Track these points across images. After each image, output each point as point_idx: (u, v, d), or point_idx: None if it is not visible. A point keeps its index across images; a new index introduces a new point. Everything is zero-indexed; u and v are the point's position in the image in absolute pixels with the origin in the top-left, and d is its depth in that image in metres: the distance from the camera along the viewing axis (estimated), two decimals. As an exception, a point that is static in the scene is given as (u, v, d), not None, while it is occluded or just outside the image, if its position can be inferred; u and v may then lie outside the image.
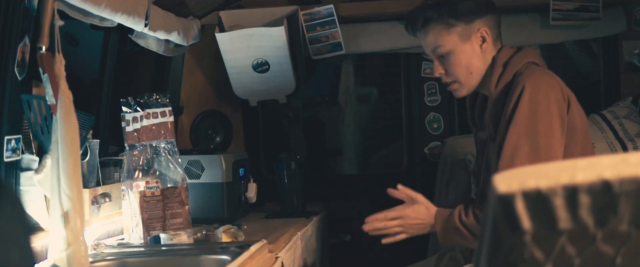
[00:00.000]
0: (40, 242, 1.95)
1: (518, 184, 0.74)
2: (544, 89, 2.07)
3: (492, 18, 2.26)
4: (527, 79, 2.09)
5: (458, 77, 2.25)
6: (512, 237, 0.75)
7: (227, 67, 3.13)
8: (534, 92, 2.06)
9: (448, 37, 2.22)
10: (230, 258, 1.98)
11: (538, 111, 2.05)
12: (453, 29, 2.22)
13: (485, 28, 2.22)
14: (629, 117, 2.85)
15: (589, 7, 2.96)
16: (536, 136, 2.03)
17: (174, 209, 2.35)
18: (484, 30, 2.22)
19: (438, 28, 2.23)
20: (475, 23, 2.22)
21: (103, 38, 2.58)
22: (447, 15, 2.22)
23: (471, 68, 2.23)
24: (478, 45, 2.23)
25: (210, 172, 2.83)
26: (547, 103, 2.06)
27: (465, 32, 2.22)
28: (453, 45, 2.23)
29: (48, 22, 1.90)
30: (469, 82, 2.25)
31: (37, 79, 1.97)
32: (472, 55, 2.23)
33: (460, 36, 2.22)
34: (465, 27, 2.22)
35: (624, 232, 0.75)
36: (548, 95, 2.06)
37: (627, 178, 0.72)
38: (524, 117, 2.05)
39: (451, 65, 2.24)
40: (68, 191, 1.83)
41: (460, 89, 2.27)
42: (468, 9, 2.22)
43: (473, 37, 2.22)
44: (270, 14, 3.07)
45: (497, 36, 2.27)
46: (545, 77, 2.11)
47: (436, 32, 2.23)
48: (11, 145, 1.89)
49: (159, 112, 2.37)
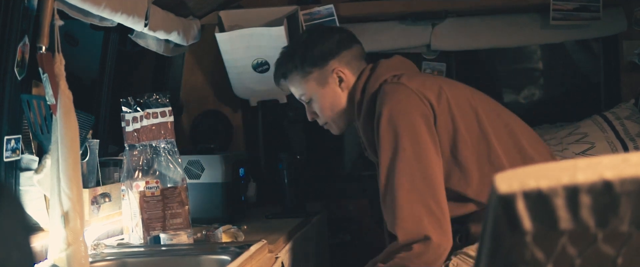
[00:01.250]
0: (40, 243, 1.95)
1: (519, 184, 0.74)
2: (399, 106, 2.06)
3: (348, 53, 2.28)
4: (382, 103, 2.09)
5: (326, 119, 2.32)
6: (513, 237, 0.75)
7: (227, 67, 3.13)
8: (389, 115, 2.05)
9: (306, 85, 2.28)
10: (230, 258, 1.98)
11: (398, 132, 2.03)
12: (309, 76, 2.27)
13: (340, 68, 2.25)
14: (631, 118, 2.85)
15: (589, 7, 2.95)
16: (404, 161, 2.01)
17: (174, 209, 2.34)
18: (339, 70, 2.25)
19: (296, 78, 2.29)
20: (328, 65, 2.26)
21: (103, 38, 2.58)
22: (301, 64, 2.27)
23: (335, 109, 2.28)
24: (337, 85, 2.26)
25: (210, 172, 2.83)
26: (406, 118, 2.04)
27: (321, 76, 2.26)
28: (313, 91, 2.29)
29: (48, 22, 1.90)
30: (338, 121, 2.31)
31: (36, 79, 1.96)
32: (333, 97, 2.27)
33: (317, 82, 2.27)
34: (320, 71, 2.26)
35: (625, 232, 0.74)
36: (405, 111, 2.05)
37: (628, 178, 0.72)
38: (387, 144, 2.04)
39: (318, 109, 2.31)
40: (68, 191, 1.83)
41: (333, 128, 2.35)
42: (319, 53, 2.26)
43: (330, 80, 2.26)
44: (270, 14, 3.07)
45: (358, 68, 2.28)
46: (399, 92, 2.08)
47: (296, 82, 2.30)
48: (11, 145, 1.89)
49: (158, 112, 2.37)
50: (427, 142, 2.02)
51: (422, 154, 2.01)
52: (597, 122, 2.88)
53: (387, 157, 2.03)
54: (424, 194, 1.99)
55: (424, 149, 2.02)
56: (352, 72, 2.26)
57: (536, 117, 3.34)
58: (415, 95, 2.07)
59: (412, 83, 2.10)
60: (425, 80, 2.14)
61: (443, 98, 2.08)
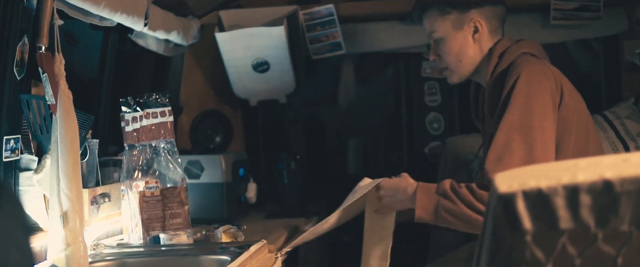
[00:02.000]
0: (39, 243, 1.95)
1: (519, 184, 0.73)
2: (537, 77, 2.08)
3: (490, 10, 2.29)
4: (521, 67, 2.11)
5: (449, 64, 2.31)
6: (513, 237, 0.75)
7: (227, 67, 3.12)
8: (528, 80, 2.07)
9: (441, 23, 2.28)
10: (230, 258, 1.98)
11: (532, 99, 2.05)
12: (447, 16, 2.27)
13: (480, 19, 2.26)
14: (631, 118, 2.85)
15: (590, 7, 2.95)
16: (530, 127, 2.02)
17: (174, 209, 2.34)
18: (478, 20, 2.26)
19: (433, 14, 2.29)
20: (469, 13, 2.26)
21: (102, 38, 2.58)
22: (443, 3, 2.28)
23: (461, 56, 2.28)
24: (470, 34, 2.27)
25: (210, 172, 2.82)
26: (541, 90, 2.06)
27: (458, 20, 2.27)
28: (445, 32, 2.28)
29: (47, 22, 1.90)
30: (460, 69, 2.30)
31: (36, 79, 1.96)
32: (463, 43, 2.27)
33: (453, 24, 2.27)
34: (459, 15, 2.27)
35: (625, 232, 0.74)
36: (541, 82, 2.07)
37: (629, 178, 0.72)
38: (518, 105, 2.05)
39: (443, 52, 2.30)
40: (67, 191, 1.83)
41: (451, 76, 2.33)
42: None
43: (466, 26, 2.27)
44: (270, 14, 3.07)
45: (495, 28, 2.29)
46: (539, 66, 2.12)
47: (432, 18, 2.30)
48: (10, 145, 1.89)
49: (158, 112, 2.37)
50: (551, 118, 2.05)
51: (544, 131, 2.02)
52: (598, 121, 2.87)
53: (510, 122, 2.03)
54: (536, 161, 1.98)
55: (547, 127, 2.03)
56: (489, 27, 2.28)
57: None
58: (553, 76, 2.10)
59: (551, 67, 2.14)
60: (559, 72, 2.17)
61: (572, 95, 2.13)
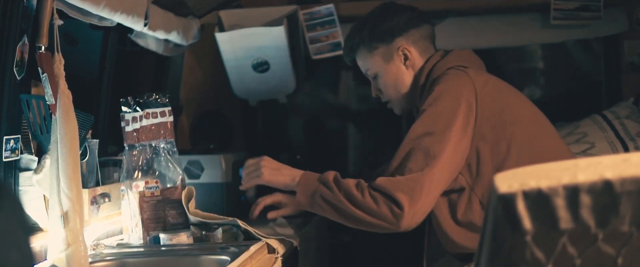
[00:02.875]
0: (39, 243, 1.95)
1: (519, 184, 0.73)
2: (451, 89, 2.08)
3: (416, 32, 2.29)
4: (439, 82, 2.12)
5: (389, 97, 2.33)
6: (513, 237, 0.75)
7: (226, 67, 3.12)
8: (440, 93, 2.08)
9: (372, 60, 2.30)
10: (230, 258, 1.98)
11: (439, 110, 2.06)
12: (375, 51, 2.29)
13: (407, 45, 2.26)
14: (630, 117, 2.85)
15: (590, 7, 2.95)
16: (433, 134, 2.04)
17: (174, 209, 2.34)
18: (405, 47, 2.26)
19: (363, 52, 2.32)
20: (395, 42, 2.27)
21: (102, 38, 2.58)
22: (368, 39, 2.29)
23: (398, 86, 2.29)
24: (401, 63, 2.28)
25: (210, 172, 2.82)
26: (451, 102, 2.06)
27: (386, 52, 2.28)
28: (378, 67, 2.30)
29: (47, 22, 1.90)
30: (400, 100, 2.31)
31: (36, 79, 1.96)
32: (397, 74, 2.28)
33: (383, 57, 2.28)
34: (386, 47, 2.28)
35: (625, 232, 0.74)
36: (452, 94, 2.07)
37: (629, 178, 0.72)
38: (425, 116, 2.07)
39: (382, 86, 2.33)
40: (67, 191, 1.83)
41: (395, 107, 2.36)
42: (387, 28, 2.27)
43: (395, 56, 2.27)
44: (270, 14, 3.07)
45: (425, 48, 2.29)
46: (457, 79, 2.11)
47: (362, 57, 2.33)
48: (10, 145, 1.89)
49: (158, 112, 2.37)
50: (458, 129, 2.04)
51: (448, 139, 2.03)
52: (597, 121, 2.87)
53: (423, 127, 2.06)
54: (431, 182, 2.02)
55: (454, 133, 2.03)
56: (418, 51, 2.28)
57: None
58: (473, 86, 2.09)
59: (477, 77, 2.12)
60: (489, 79, 2.15)
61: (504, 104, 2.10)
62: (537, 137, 2.15)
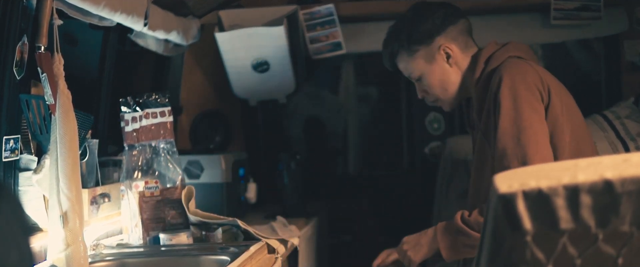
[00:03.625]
0: (39, 243, 1.95)
1: (519, 184, 0.73)
2: (521, 77, 2.07)
3: (454, 29, 2.27)
4: (504, 70, 2.09)
5: (437, 96, 2.31)
6: (513, 237, 0.75)
7: (226, 67, 3.12)
8: (512, 82, 2.06)
9: (414, 63, 2.28)
10: (230, 258, 1.98)
11: (518, 101, 2.04)
12: (416, 54, 2.27)
13: (447, 43, 2.25)
14: (631, 117, 2.84)
15: (590, 7, 2.95)
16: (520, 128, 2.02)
17: (174, 210, 2.34)
18: (446, 46, 2.25)
19: (403, 57, 2.29)
20: (435, 42, 2.25)
21: (102, 38, 2.58)
22: (407, 43, 2.27)
23: (445, 85, 2.28)
24: (444, 61, 2.26)
25: (210, 172, 2.82)
26: (526, 91, 2.05)
27: (428, 53, 2.26)
28: (421, 69, 2.28)
29: (47, 22, 1.89)
30: (449, 97, 2.30)
31: (35, 79, 1.96)
32: (442, 73, 2.27)
33: (425, 59, 2.27)
34: (427, 48, 2.26)
35: (625, 232, 0.74)
36: (525, 83, 2.06)
37: (629, 178, 0.72)
38: (505, 110, 2.04)
39: (427, 87, 2.30)
40: (67, 191, 1.83)
41: (444, 105, 2.33)
42: (424, 30, 2.26)
43: (437, 56, 2.26)
44: (270, 14, 3.07)
45: (465, 44, 2.28)
46: (523, 67, 2.10)
47: (404, 61, 2.30)
48: (10, 145, 1.89)
49: (158, 112, 2.37)
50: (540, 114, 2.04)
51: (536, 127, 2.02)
52: (597, 121, 2.87)
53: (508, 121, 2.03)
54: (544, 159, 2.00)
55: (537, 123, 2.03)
56: (459, 47, 2.26)
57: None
58: (538, 75, 2.08)
59: (537, 67, 2.12)
60: (546, 72, 2.15)
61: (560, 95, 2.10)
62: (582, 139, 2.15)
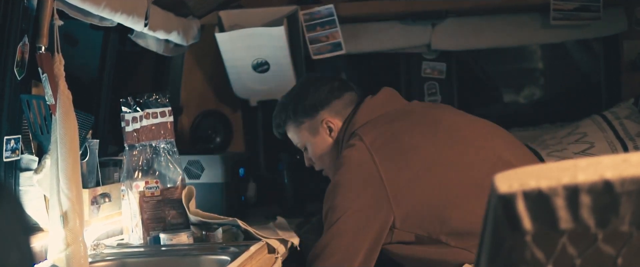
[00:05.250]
0: (39, 243, 1.95)
1: (519, 184, 0.73)
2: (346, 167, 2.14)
3: (339, 103, 2.35)
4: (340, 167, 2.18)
5: (321, 166, 2.42)
6: (513, 237, 0.75)
7: (227, 67, 3.12)
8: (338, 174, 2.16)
9: (300, 133, 2.40)
10: (230, 258, 1.98)
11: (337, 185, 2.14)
12: (301, 126, 2.38)
13: (330, 118, 2.33)
14: (630, 118, 2.85)
15: (589, 7, 2.95)
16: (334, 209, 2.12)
17: (174, 209, 2.34)
18: (328, 120, 2.34)
19: (290, 127, 2.42)
20: (319, 115, 2.34)
21: (102, 38, 2.58)
22: (293, 115, 2.38)
23: (325, 157, 2.37)
24: (327, 134, 2.35)
25: (210, 172, 2.82)
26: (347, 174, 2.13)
27: (312, 126, 2.36)
28: (306, 140, 2.39)
29: (47, 22, 1.90)
30: (331, 168, 2.35)
31: (36, 79, 1.96)
32: (324, 145, 2.36)
33: (309, 131, 2.37)
34: (311, 121, 2.36)
35: (625, 232, 0.74)
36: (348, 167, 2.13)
37: (629, 178, 0.72)
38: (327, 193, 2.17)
39: (313, 156, 2.41)
40: (67, 191, 1.83)
41: (329, 174, 2.39)
42: (309, 104, 2.35)
43: (320, 129, 2.35)
44: (270, 14, 3.07)
45: (348, 117, 2.33)
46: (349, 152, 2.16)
47: (291, 131, 2.43)
48: (10, 145, 1.89)
49: (158, 112, 2.37)
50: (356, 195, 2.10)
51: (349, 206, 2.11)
52: (597, 121, 2.87)
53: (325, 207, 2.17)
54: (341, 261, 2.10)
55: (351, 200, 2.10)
56: (342, 120, 2.34)
57: (536, 117, 3.33)
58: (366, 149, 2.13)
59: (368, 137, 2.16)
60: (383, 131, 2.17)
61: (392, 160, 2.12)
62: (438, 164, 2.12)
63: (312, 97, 2.36)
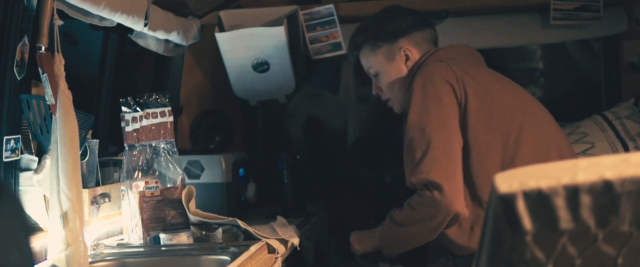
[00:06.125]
0: (39, 243, 1.95)
1: (519, 184, 0.73)
2: (430, 75, 2.14)
3: (420, 35, 2.36)
4: (419, 72, 2.19)
5: (389, 95, 2.40)
6: (513, 237, 0.75)
7: (227, 67, 3.12)
8: (423, 81, 2.13)
9: (374, 58, 2.37)
10: (230, 258, 1.98)
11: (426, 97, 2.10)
12: (378, 50, 2.36)
13: (409, 46, 2.33)
14: (631, 118, 2.85)
15: (589, 7, 2.95)
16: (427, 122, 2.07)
17: (174, 209, 2.34)
18: (407, 48, 2.33)
19: (366, 51, 2.39)
20: (398, 42, 2.34)
21: (102, 38, 2.58)
22: (372, 38, 2.36)
23: (397, 86, 2.36)
24: (403, 63, 2.34)
25: (210, 172, 2.82)
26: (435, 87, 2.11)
27: (389, 52, 2.35)
28: (380, 65, 2.37)
29: (47, 22, 1.90)
30: (400, 98, 2.36)
31: (36, 79, 1.96)
32: (397, 73, 2.35)
33: (385, 57, 2.35)
34: (389, 47, 2.34)
35: (625, 232, 0.74)
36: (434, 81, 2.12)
37: (629, 178, 0.72)
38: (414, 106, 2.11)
39: (382, 84, 2.39)
40: (67, 191, 1.83)
41: (394, 106, 2.41)
42: (391, 29, 2.34)
43: (397, 56, 2.34)
44: (270, 14, 3.07)
45: (426, 51, 2.34)
46: (436, 66, 2.17)
47: (365, 55, 2.40)
48: (10, 145, 1.89)
49: (158, 112, 2.37)
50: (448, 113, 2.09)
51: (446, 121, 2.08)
52: (597, 121, 2.87)
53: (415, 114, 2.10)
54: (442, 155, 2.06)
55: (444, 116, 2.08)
56: (420, 53, 2.34)
57: (536, 117, 3.33)
58: (453, 75, 2.13)
59: (453, 65, 2.17)
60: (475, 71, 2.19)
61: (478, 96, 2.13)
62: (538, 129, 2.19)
63: (395, 23, 2.36)
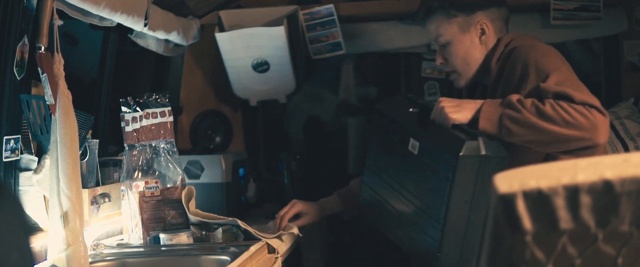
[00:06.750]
0: (39, 243, 1.95)
1: (519, 184, 0.73)
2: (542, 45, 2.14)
3: (496, 11, 2.31)
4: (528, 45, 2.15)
5: (456, 67, 2.32)
6: (513, 237, 0.75)
7: (227, 67, 3.12)
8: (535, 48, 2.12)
9: (448, 27, 2.29)
10: (230, 258, 1.98)
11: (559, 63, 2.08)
12: (453, 19, 2.28)
13: (486, 20, 2.28)
14: (631, 118, 2.85)
15: (589, 7, 2.95)
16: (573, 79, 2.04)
17: (174, 209, 2.34)
18: (484, 22, 2.28)
19: (439, 18, 2.30)
20: (475, 15, 2.28)
21: (102, 38, 2.58)
22: (449, 6, 2.28)
23: (468, 59, 2.29)
24: (477, 36, 2.29)
25: (210, 172, 2.82)
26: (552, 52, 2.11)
27: (465, 23, 2.28)
28: (452, 35, 2.29)
29: (47, 22, 1.90)
30: (467, 72, 2.31)
31: (36, 79, 1.96)
32: (470, 46, 2.29)
33: (459, 27, 2.28)
34: (466, 18, 2.28)
35: (625, 232, 0.74)
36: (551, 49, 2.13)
37: (629, 178, 0.72)
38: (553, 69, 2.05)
39: (450, 55, 2.31)
40: (67, 191, 1.83)
41: (459, 79, 2.34)
42: (471, 1, 2.27)
43: (472, 29, 2.28)
44: (270, 14, 3.07)
45: (500, 29, 2.31)
46: (542, 45, 2.17)
47: (438, 22, 2.31)
48: (10, 145, 1.89)
49: (158, 112, 2.37)
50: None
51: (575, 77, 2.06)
52: (598, 121, 2.87)
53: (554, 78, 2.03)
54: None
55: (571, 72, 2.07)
56: (494, 29, 2.30)
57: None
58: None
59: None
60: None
61: None
62: None
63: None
